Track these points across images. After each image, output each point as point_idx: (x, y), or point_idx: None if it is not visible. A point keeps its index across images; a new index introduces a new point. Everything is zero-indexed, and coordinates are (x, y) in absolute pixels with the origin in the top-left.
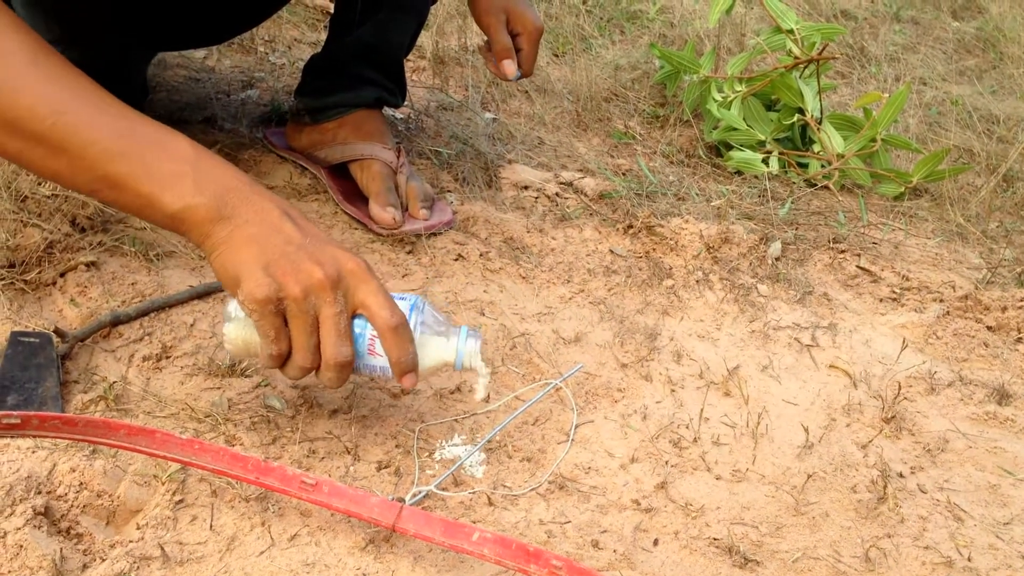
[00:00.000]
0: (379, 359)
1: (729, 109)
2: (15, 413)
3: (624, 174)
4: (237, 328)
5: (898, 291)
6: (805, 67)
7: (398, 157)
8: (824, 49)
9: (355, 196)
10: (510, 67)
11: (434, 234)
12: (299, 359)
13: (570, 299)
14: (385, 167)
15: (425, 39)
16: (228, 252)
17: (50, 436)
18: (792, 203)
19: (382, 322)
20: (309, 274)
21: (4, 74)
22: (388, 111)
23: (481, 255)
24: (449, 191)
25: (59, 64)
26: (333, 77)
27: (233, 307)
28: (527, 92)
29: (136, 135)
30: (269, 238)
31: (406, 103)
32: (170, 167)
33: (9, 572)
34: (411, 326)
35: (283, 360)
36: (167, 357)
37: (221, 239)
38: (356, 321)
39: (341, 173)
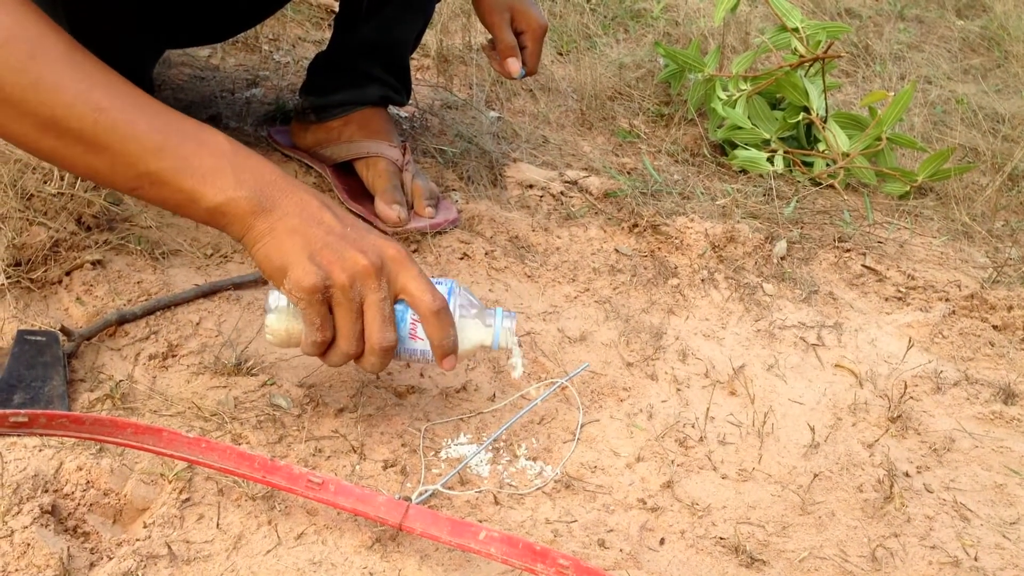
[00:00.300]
0: (420, 343)
1: (734, 108)
2: (22, 412)
3: (629, 173)
4: (279, 319)
5: (904, 290)
6: (810, 65)
7: (404, 155)
8: (829, 47)
9: (360, 194)
10: (514, 65)
11: (439, 232)
12: (344, 346)
13: (575, 298)
14: (391, 165)
15: (429, 37)
16: (272, 243)
17: (57, 435)
18: (797, 202)
19: (425, 306)
20: (354, 262)
21: (42, 72)
22: (393, 109)
23: (486, 254)
24: (454, 190)
25: (93, 62)
26: (338, 75)
27: (274, 298)
28: (531, 91)
29: (174, 131)
30: (311, 229)
31: (410, 102)
32: (210, 162)
33: (16, 570)
34: (450, 309)
35: (326, 347)
36: (173, 356)
37: (263, 231)
38: (396, 307)
39: (346, 171)
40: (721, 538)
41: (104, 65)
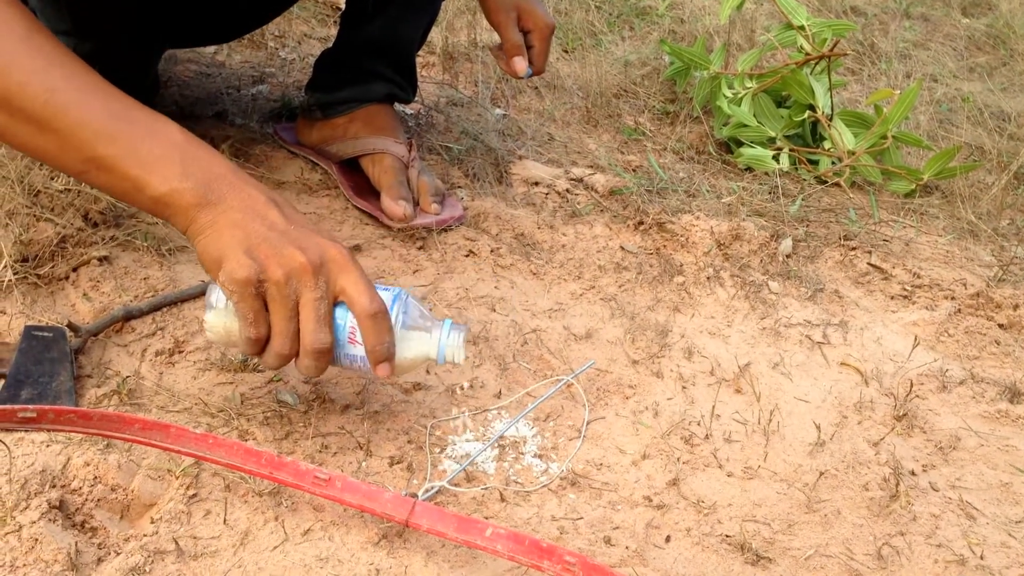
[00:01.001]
0: (359, 348)
1: (739, 105)
2: (31, 407)
3: (634, 170)
4: (218, 316)
5: (909, 288)
6: (816, 63)
7: (409, 151)
8: (835, 45)
9: (366, 191)
10: (521, 64)
11: (445, 230)
12: (277, 345)
13: (581, 295)
14: (397, 161)
15: (435, 35)
16: (212, 236)
17: (65, 430)
18: (803, 200)
19: (360, 308)
20: (291, 258)
21: None
22: (398, 107)
23: (492, 251)
24: (459, 187)
25: (51, 43)
26: (344, 72)
27: (215, 296)
28: (537, 88)
29: (126, 119)
30: (252, 223)
31: (416, 99)
32: (159, 151)
33: (25, 565)
34: (392, 316)
35: (262, 346)
36: (179, 352)
37: (206, 224)
38: (337, 311)
39: (352, 168)
40: (727, 536)
41: (63, 47)
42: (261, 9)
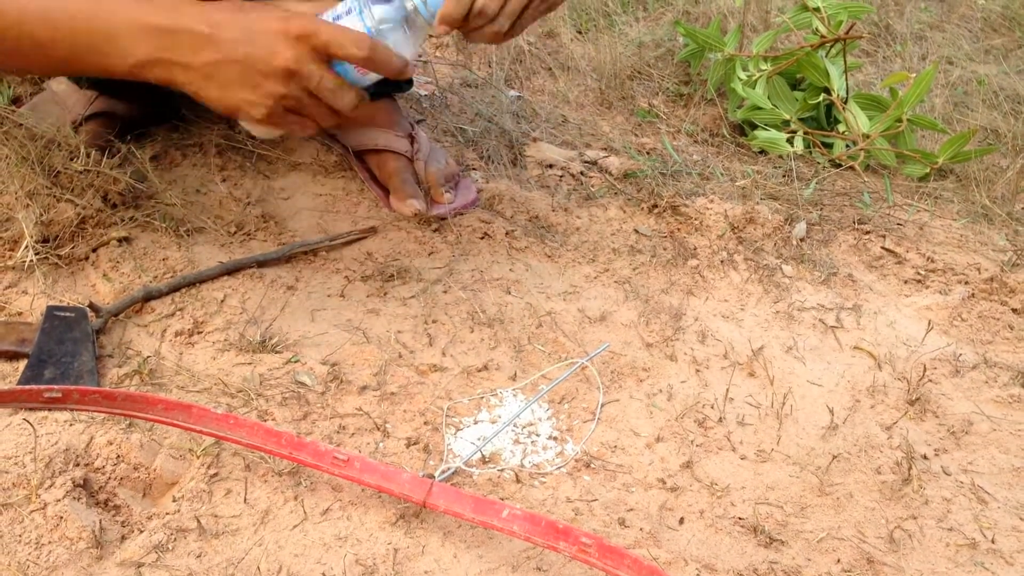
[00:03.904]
0: (374, 75)
1: (754, 88)
2: (56, 387)
3: (648, 153)
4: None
5: (923, 273)
6: (831, 46)
7: (412, 144)
8: (851, 28)
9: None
10: None
11: (460, 212)
12: (326, 126)
13: (595, 278)
14: (399, 159)
15: None
16: (206, 94)
17: (90, 410)
18: (817, 183)
19: (345, 56)
20: (274, 68)
21: None
22: (412, 91)
23: (507, 233)
24: (474, 169)
25: None
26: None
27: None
28: (551, 69)
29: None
30: (221, 65)
31: (429, 80)
32: (101, 36)
33: (50, 542)
34: (371, 31)
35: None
36: (199, 332)
37: (187, 84)
38: (336, 67)
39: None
40: (740, 518)
41: None
42: None
